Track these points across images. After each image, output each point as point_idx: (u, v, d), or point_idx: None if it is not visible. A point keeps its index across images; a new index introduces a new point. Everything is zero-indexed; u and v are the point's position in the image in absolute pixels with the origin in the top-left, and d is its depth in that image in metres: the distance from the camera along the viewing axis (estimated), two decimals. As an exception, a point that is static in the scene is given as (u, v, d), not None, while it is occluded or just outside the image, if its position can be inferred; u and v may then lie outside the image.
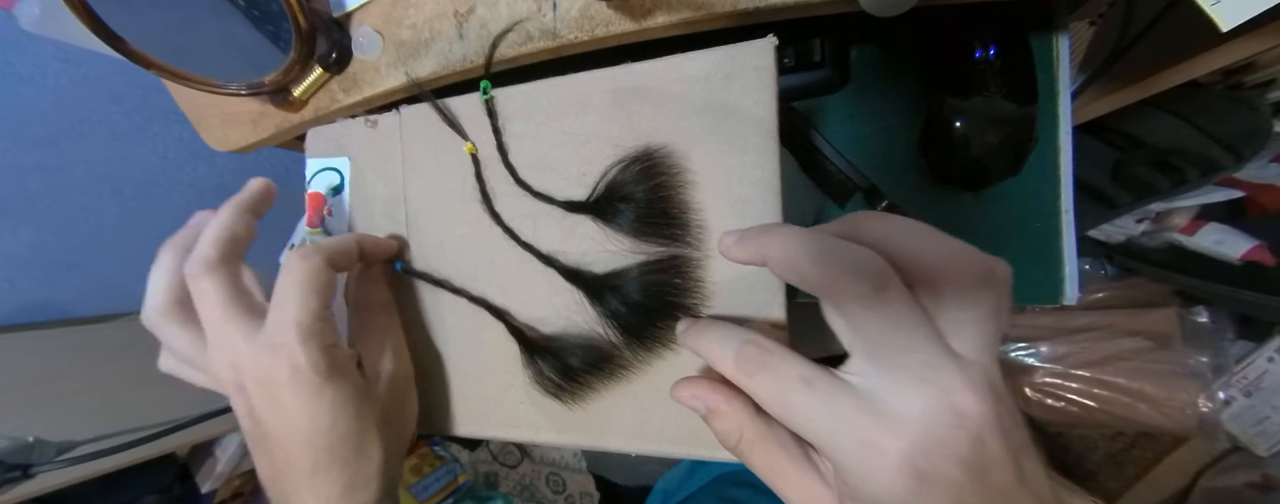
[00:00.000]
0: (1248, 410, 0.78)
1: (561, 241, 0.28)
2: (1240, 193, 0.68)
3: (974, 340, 0.18)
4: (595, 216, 0.27)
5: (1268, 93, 0.53)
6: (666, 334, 0.26)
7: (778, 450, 0.20)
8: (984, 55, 0.32)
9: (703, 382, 0.22)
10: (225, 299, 0.25)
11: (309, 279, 0.25)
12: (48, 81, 0.71)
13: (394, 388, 0.28)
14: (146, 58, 0.31)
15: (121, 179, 0.82)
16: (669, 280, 0.26)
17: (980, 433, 0.17)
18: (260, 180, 0.29)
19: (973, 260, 0.18)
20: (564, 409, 0.28)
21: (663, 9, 0.26)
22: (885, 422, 0.17)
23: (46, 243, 0.78)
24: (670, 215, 0.26)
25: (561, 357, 0.28)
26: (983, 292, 0.18)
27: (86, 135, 0.77)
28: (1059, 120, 0.33)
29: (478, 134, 0.30)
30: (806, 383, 0.18)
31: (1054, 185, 0.34)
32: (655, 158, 0.26)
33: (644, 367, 0.27)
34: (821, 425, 0.18)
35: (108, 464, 0.70)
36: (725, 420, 0.21)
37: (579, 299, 0.28)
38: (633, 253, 0.27)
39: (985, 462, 0.17)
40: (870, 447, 0.17)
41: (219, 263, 0.25)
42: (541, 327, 0.29)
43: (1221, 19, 0.21)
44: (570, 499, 1.42)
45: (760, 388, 0.19)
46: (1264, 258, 0.68)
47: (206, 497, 0.97)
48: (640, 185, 0.26)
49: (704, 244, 0.25)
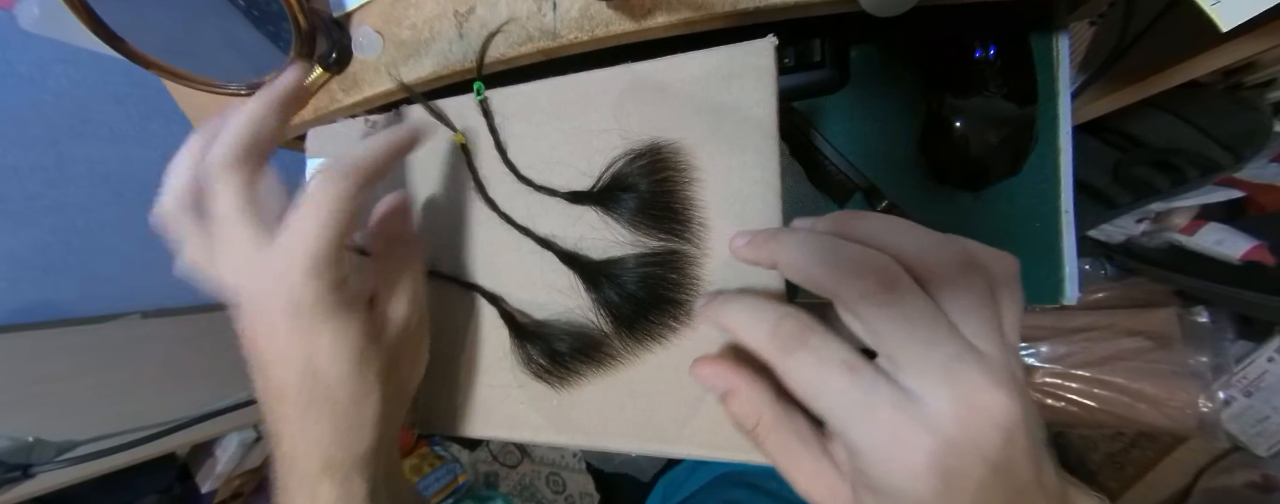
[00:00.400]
0: (1248, 410, 0.78)
1: (561, 228, 0.28)
2: (1240, 193, 0.68)
3: (980, 329, 0.18)
4: (598, 206, 0.27)
5: (1268, 93, 0.53)
6: (657, 328, 0.26)
7: (794, 438, 0.20)
8: (984, 55, 0.32)
9: (724, 361, 0.22)
10: (238, 203, 0.23)
11: (334, 204, 0.22)
12: (48, 81, 0.71)
13: (405, 335, 0.26)
14: (146, 58, 0.31)
15: (121, 179, 0.82)
16: (665, 274, 0.26)
17: (1011, 431, 0.17)
18: (293, 75, 0.26)
19: (952, 248, 0.19)
20: (554, 395, 0.28)
21: (663, 9, 0.26)
22: (920, 418, 0.17)
23: (46, 243, 0.78)
24: (672, 210, 0.26)
25: (550, 342, 0.28)
26: (971, 277, 0.18)
27: (86, 135, 0.77)
28: (1059, 120, 0.33)
29: (476, 133, 0.30)
30: (850, 369, 0.17)
31: (1054, 185, 0.34)
32: (663, 153, 0.26)
33: (631, 358, 0.27)
34: (854, 414, 0.17)
35: (108, 464, 0.70)
36: (744, 402, 0.21)
37: (574, 282, 0.28)
38: (632, 245, 0.27)
39: (1011, 460, 0.17)
40: (901, 442, 0.17)
41: (236, 162, 0.23)
42: (534, 312, 0.29)
43: (1221, 19, 0.21)
44: (570, 499, 1.42)
45: (796, 366, 0.18)
46: (1264, 258, 0.68)
47: (206, 497, 0.97)
48: (646, 178, 0.26)
49: (703, 242, 0.26)
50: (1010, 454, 0.17)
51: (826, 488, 0.20)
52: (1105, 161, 0.59)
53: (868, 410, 0.17)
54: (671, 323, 0.26)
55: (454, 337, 0.31)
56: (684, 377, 0.26)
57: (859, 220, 0.20)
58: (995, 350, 0.17)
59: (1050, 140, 0.34)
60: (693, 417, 0.26)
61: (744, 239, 0.21)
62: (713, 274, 0.25)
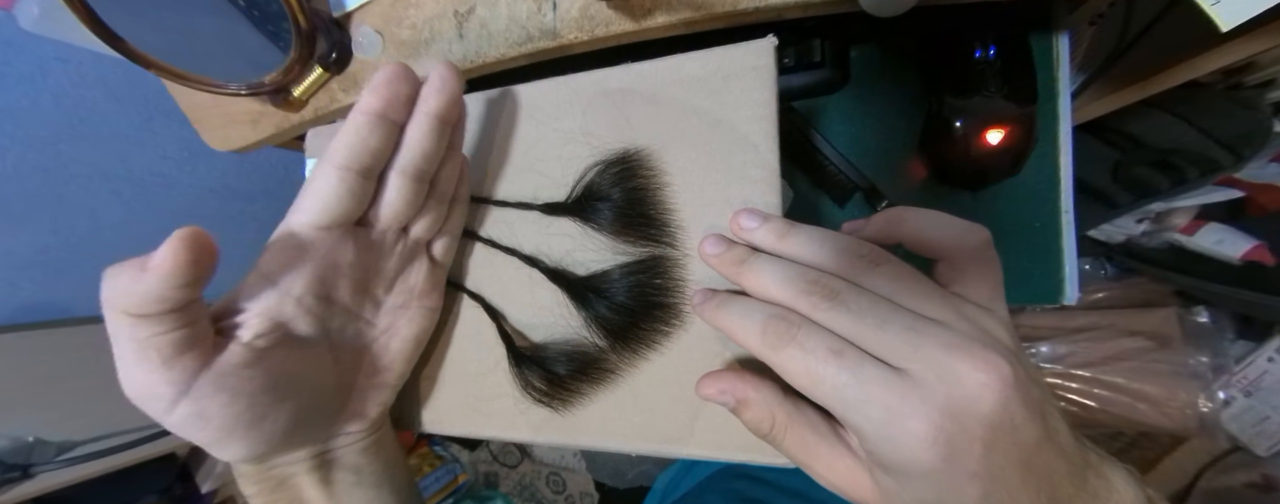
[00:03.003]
0: (1248, 410, 0.78)
1: (544, 244, 0.28)
2: (1240, 193, 0.68)
3: (925, 303, 0.19)
4: (574, 217, 0.27)
5: (1268, 93, 0.53)
6: (650, 335, 0.26)
7: (808, 431, 0.21)
8: (984, 55, 0.32)
9: (727, 374, 0.22)
10: None
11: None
12: (48, 81, 0.71)
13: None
14: (146, 58, 0.31)
15: (121, 179, 0.82)
16: (651, 280, 0.26)
17: (1005, 392, 0.17)
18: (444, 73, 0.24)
19: (979, 233, 0.21)
20: (553, 415, 0.28)
21: (663, 9, 0.26)
22: (909, 391, 0.17)
23: (47, 243, 0.78)
24: (647, 216, 0.26)
25: (547, 365, 0.28)
26: (882, 267, 0.20)
27: (86, 135, 0.77)
28: (1059, 120, 0.33)
29: None
30: (835, 354, 0.18)
31: (1054, 185, 0.34)
32: (632, 160, 0.26)
33: (630, 369, 0.27)
34: (848, 394, 0.18)
35: (108, 464, 0.70)
36: (756, 408, 0.21)
37: (563, 299, 0.28)
38: (614, 254, 0.27)
39: (1011, 418, 0.17)
40: (896, 414, 0.17)
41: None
42: (531, 333, 0.29)
43: (1221, 19, 0.21)
44: (570, 499, 1.42)
45: (786, 361, 0.19)
46: (1264, 258, 0.68)
47: (206, 497, 0.97)
48: (618, 187, 0.26)
49: (683, 244, 0.26)
50: (1009, 412, 0.17)
51: (847, 473, 0.20)
52: (1105, 161, 0.59)
53: (860, 390, 0.18)
54: (663, 328, 0.26)
55: (454, 336, 0.31)
56: (683, 380, 0.26)
57: (903, 214, 0.23)
58: (953, 317, 0.19)
59: (1050, 140, 0.34)
60: (696, 420, 0.26)
61: (701, 299, 0.23)
62: (698, 275, 0.25)
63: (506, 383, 0.30)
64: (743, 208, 0.24)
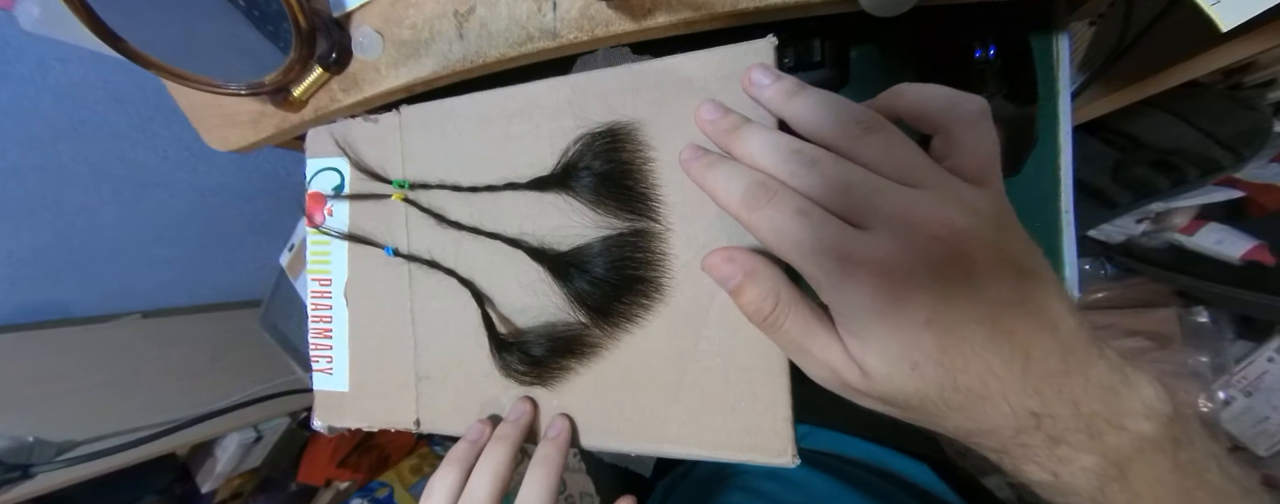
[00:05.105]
0: (1248, 410, 0.78)
1: (530, 223, 0.29)
2: (1240, 193, 0.68)
3: (898, 168, 0.20)
4: (560, 189, 0.28)
5: (1268, 93, 0.53)
6: (630, 309, 0.27)
7: (810, 313, 0.21)
8: (984, 55, 0.32)
9: (736, 248, 0.23)
10: None
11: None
12: (48, 81, 0.71)
13: None
14: (146, 58, 0.31)
15: (121, 179, 0.82)
16: (630, 254, 0.26)
17: (955, 245, 0.18)
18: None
19: (973, 101, 0.21)
20: (549, 394, 0.29)
21: (663, 9, 0.26)
22: (864, 241, 0.18)
23: (46, 243, 0.78)
24: (626, 187, 0.26)
25: (526, 349, 0.28)
26: (873, 135, 0.20)
27: (86, 135, 0.77)
28: (1059, 120, 0.33)
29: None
30: (801, 213, 0.20)
31: (1054, 185, 0.34)
32: (620, 133, 0.26)
33: (613, 343, 0.27)
34: (806, 247, 0.19)
35: (108, 464, 0.70)
36: (762, 282, 0.22)
37: (545, 277, 0.28)
38: (597, 228, 0.27)
39: (967, 274, 0.18)
40: (845, 262, 0.18)
41: None
42: (522, 316, 0.29)
43: (1221, 19, 0.21)
44: (570, 499, 1.41)
45: (759, 221, 0.20)
46: (1264, 258, 0.68)
47: (206, 497, 0.97)
48: (601, 158, 0.27)
49: (665, 218, 0.26)
50: (962, 266, 0.18)
51: (839, 358, 0.20)
52: (1105, 161, 0.59)
53: (816, 243, 0.19)
54: (644, 300, 0.26)
55: (454, 336, 0.31)
56: (665, 352, 0.26)
57: (900, 88, 0.23)
58: (930, 184, 0.19)
59: (1050, 140, 0.34)
60: (693, 417, 0.26)
61: (691, 155, 0.23)
62: (679, 249, 0.26)
63: (508, 383, 0.30)
64: (757, 63, 0.24)
